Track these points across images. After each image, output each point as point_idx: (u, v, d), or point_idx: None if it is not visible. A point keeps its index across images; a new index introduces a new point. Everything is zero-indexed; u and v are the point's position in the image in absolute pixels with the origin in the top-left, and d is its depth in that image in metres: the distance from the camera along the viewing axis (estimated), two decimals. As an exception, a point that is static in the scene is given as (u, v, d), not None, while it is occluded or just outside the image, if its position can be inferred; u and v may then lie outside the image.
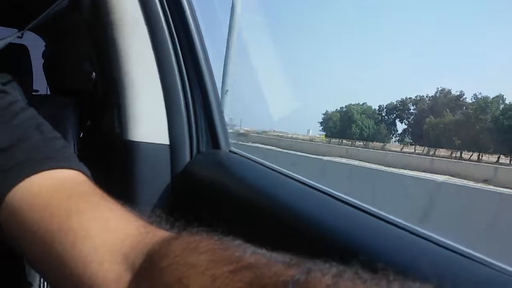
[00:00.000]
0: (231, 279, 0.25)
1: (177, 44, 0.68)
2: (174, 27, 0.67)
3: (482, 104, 41.43)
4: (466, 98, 46.28)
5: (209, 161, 0.68)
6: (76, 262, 0.35)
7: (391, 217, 0.38)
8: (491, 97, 41.74)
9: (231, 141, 0.71)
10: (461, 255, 0.31)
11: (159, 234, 0.34)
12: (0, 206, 0.42)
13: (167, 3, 0.67)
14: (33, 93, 1.38)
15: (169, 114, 0.67)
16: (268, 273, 0.24)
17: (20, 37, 1.77)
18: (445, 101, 47.54)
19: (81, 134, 1.33)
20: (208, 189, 0.61)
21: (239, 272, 0.25)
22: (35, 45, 2.09)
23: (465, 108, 44.34)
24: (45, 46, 2.01)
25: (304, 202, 0.48)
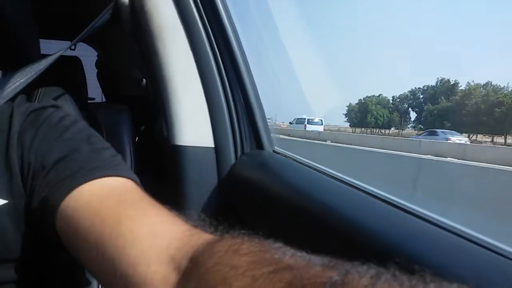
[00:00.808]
0: (270, 280, 0.26)
1: (215, 47, 0.69)
2: (211, 31, 0.68)
3: (467, 91, 49.12)
4: (460, 86, 53.09)
5: (253, 162, 0.68)
6: (125, 264, 0.38)
7: (436, 217, 0.36)
8: (482, 84, 49.07)
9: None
10: (505, 256, 0.30)
11: (203, 237, 0.36)
12: (56, 214, 0.46)
13: (203, 8, 0.68)
14: (89, 101, 1.45)
15: (212, 117, 0.69)
16: (307, 275, 0.25)
17: (73, 49, 1.87)
18: (443, 90, 54.01)
19: (136, 138, 1.39)
20: (252, 190, 0.61)
21: (279, 273, 0.26)
22: (89, 55, 2.21)
23: (454, 95, 51.06)
24: (97, 56, 2.12)
25: (348, 204, 0.47)
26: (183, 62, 0.69)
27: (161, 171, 0.79)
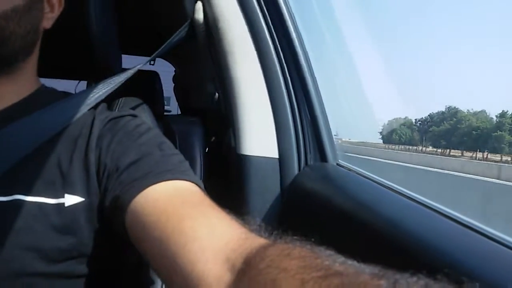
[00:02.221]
0: (319, 284, 0.27)
1: (283, 61, 0.71)
2: (280, 45, 0.71)
3: (459, 118, 62.13)
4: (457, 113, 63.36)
5: (316, 174, 0.68)
6: (185, 261, 0.40)
7: (501, 235, 0.34)
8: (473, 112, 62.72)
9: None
10: None
11: (258, 240, 0.38)
12: (126, 211, 0.49)
13: (272, 24, 0.71)
14: (166, 113, 1.53)
15: (278, 128, 0.70)
16: (356, 282, 0.25)
17: (152, 64, 1.99)
18: (448, 115, 65.26)
19: (207, 149, 1.44)
20: (314, 202, 0.61)
21: (328, 278, 0.27)
22: (169, 70, 2.34)
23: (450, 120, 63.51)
24: (174, 71, 2.24)
25: (412, 219, 0.46)
26: (252, 75, 0.72)
27: (227, 180, 0.82)
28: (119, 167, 0.54)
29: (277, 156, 0.70)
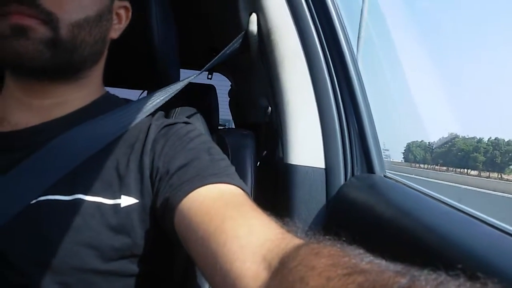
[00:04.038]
0: (344, 281, 0.27)
1: (332, 71, 0.71)
2: (330, 56, 0.71)
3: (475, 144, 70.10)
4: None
5: (363, 185, 0.68)
6: (225, 259, 0.42)
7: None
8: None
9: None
10: None
11: (293, 241, 0.39)
12: (174, 212, 0.52)
13: (324, 36, 0.72)
14: (220, 127, 1.58)
15: (325, 138, 0.71)
16: (378, 279, 0.26)
17: (210, 78, 2.06)
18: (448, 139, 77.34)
19: (258, 163, 1.46)
20: (361, 213, 0.61)
21: (352, 276, 0.27)
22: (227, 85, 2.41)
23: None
24: (230, 85, 2.31)
25: (464, 233, 0.44)
26: (301, 86, 0.73)
27: (275, 189, 0.83)
28: (170, 170, 0.57)
29: (323, 166, 0.71)
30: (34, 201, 0.54)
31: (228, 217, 0.46)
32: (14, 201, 0.54)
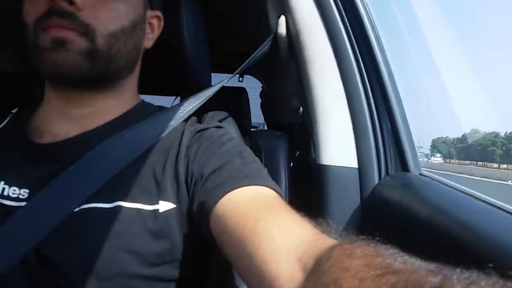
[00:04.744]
0: (376, 282, 0.27)
1: (363, 69, 0.71)
2: (360, 54, 0.71)
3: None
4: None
5: (398, 183, 0.67)
6: (260, 260, 0.42)
7: None
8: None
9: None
10: None
11: (328, 241, 0.39)
12: (210, 216, 0.53)
13: (353, 34, 0.71)
14: (252, 129, 1.59)
15: (357, 137, 0.70)
16: (411, 279, 0.26)
17: (241, 81, 2.07)
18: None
19: (291, 164, 1.46)
20: (396, 212, 0.60)
21: (385, 276, 0.27)
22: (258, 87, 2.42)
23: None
24: (261, 87, 2.32)
25: (499, 231, 0.43)
26: (331, 85, 0.73)
27: (308, 190, 0.83)
28: (204, 174, 0.58)
29: (356, 166, 0.70)
30: (77, 209, 0.57)
31: (261, 218, 0.47)
32: (58, 210, 0.56)
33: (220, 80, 0.83)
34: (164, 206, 0.58)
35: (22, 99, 0.79)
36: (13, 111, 0.74)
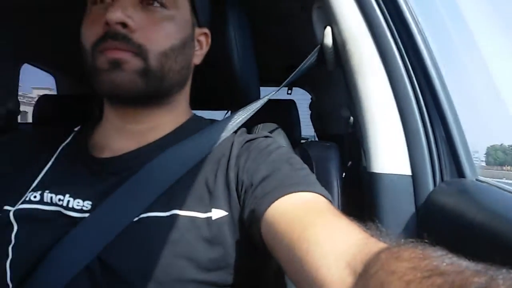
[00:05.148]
0: (422, 284, 0.28)
1: (412, 74, 0.69)
2: (408, 59, 0.69)
3: None
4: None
5: (454, 190, 0.64)
6: (310, 266, 0.43)
7: None
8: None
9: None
10: None
11: (377, 245, 0.39)
12: (260, 223, 0.54)
13: (400, 40, 0.70)
14: (302, 141, 1.59)
15: (409, 144, 0.68)
16: (456, 280, 0.26)
17: (290, 94, 2.08)
18: None
19: (343, 174, 1.45)
20: (453, 219, 0.58)
21: (431, 278, 0.28)
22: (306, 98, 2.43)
23: None
24: (311, 99, 2.32)
25: None
26: (380, 92, 0.72)
27: (361, 199, 0.82)
28: (253, 182, 0.60)
29: (410, 173, 0.68)
30: (136, 218, 0.60)
31: (309, 224, 0.48)
32: (119, 220, 0.60)
33: (268, 93, 0.85)
34: (216, 213, 0.61)
35: (83, 118, 0.85)
36: (76, 128, 0.80)
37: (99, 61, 0.63)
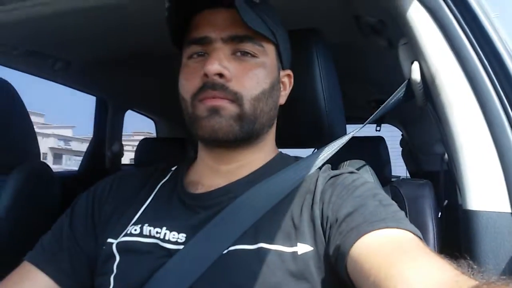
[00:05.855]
0: None
1: (507, 104, 0.65)
2: (502, 89, 0.66)
3: None
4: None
5: None
6: None
7: None
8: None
9: None
10: None
11: (468, 283, 0.38)
12: (346, 259, 0.54)
13: (493, 71, 0.67)
14: (392, 179, 1.54)
15: (508, 180, 0.64)
16: None
17: (378, 130, 2.05)
18: None
19: (439, 214, 1.36)
20: None
21: None
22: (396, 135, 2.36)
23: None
24: (401, 135, 2.24)
25: None
26: (475, 127, 0.68)
27: (459, 240, 0.77)
28: (338, 218, 0.60)
29: (510, 210, 0.63)
30: (225, 251, 0.63)
31: (396, 262, 0.47)
32: (211, 252, 0.64)
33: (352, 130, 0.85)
34: (302, 248, 0.61)
35: (179, 158, 0.92)
36: (173, 168, 0.87)
37: (199, 109, 0.69)
